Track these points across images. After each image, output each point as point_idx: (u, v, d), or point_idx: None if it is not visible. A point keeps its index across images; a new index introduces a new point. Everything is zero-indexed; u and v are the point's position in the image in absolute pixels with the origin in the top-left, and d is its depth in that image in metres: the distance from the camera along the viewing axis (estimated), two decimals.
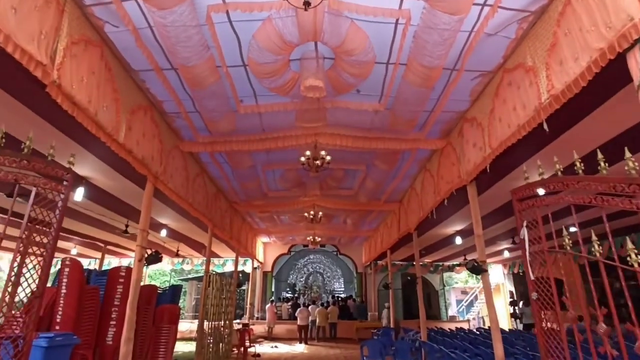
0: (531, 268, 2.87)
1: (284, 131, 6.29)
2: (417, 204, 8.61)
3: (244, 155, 7.24)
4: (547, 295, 2.91)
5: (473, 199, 5.80)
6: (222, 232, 9.69)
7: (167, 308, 6.82)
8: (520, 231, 2.93)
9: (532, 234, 2.94)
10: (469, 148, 5.74)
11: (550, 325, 2.87)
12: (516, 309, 13.97)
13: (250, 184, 8.67)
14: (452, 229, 10.13)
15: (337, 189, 9.43)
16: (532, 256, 2.89)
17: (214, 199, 8.93)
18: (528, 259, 2.86)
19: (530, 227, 2.92)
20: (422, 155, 7.45)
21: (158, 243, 12.09)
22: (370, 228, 14.02)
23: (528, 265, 2.85)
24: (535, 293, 2.89)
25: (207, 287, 8.27)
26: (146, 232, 5.38)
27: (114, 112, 4.42)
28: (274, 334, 14.48)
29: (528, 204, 2.99)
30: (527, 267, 2.85)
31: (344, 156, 7.28)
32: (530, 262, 2.86)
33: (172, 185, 6.25)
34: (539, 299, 2.91)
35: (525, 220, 2.96)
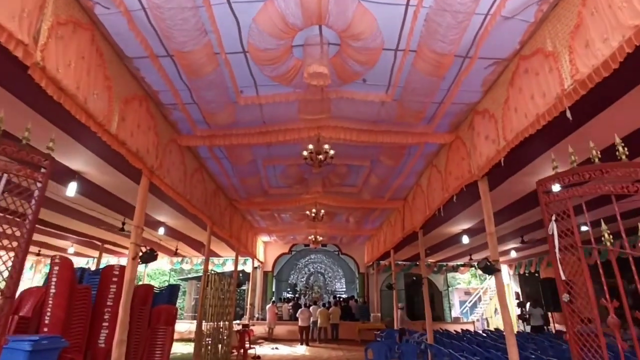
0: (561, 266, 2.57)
1: (285, 124, 6.01)
2: (423, 202, 8.34)
3: (244, 150, 6.97)
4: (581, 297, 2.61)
5: (485, 194, 5.52)
6: (221, 230, 9.42)
7: (164, 309, 6.55)
8: (548, 225, 2.65)
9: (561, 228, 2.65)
10: (480, 141, 5.46)
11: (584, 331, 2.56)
12: (524, 311, 13.66)
13: (251, 180, 8.39)
14: (458, 227, 9.85)
15: (340, 185, 9.15)
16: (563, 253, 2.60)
17: (213, 196, 8.66)
18: (558, 257, 2.57)
19: (559, 221, 2.64)
20: (429, 150, 7.17)
21: (156, 241, 11.83)
22: (374, 227, 13.73)
23: (558, 264, 2.56)
24: (567, 295, 2.60)
25: (205, 287, 8.00)
26: (141, 229, 5.11)
27: (106, 100, 4.16)
28: (274, 335, 14.20)
29: (557, 196, 2.70)
30: (557, 266, 2.57)
31: (348, 151, 7.01)
32: (560, 260, 2.57)
33: (169, 180, 5.98)
34: (572, 301, 2.62)
35: (554, 214, 2.67)
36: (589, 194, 2.59)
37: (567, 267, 2.59)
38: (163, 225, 9.49)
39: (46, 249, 12.34)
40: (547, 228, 2.66)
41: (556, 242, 2.58)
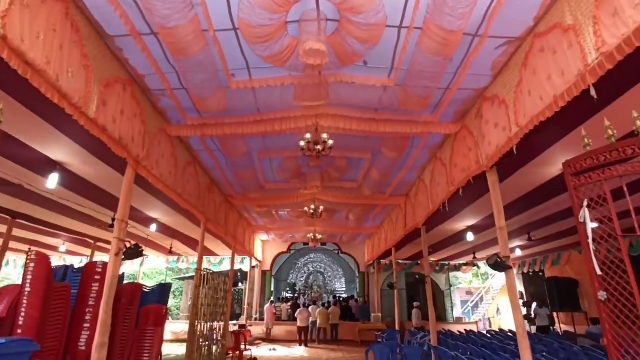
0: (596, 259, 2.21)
1: (281, 112, 5.65)
2: (426, 197, 7.98)
3: (238, 141, 6.61)
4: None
5: (494, 186, 5.16)
6: (216, 227, 9.06)
7: (153, 309, 6.18)
8: (580, 212, 2.28)
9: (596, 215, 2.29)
10: (489, 130, 5.10)
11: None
12: (529, 311, 13.28)
13: (246, 175, 8.03)
14: (462, 224, 9.48)
15: (339, 180, 8.79)
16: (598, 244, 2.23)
17: (207, 191, 8.30)
18: (592, 248, 2.21)
19: (592, 207, 2.28)
20: (434, 142, 6.81)
21: (149, 239, 11.47)
22: (374, 225, 13.37)
23: (592, 256, 2.20)
24: (604, 292, 2.23)
25: (198, 286, 7.64)
26: (125, 223, 4.74)
27: (83, 81, 3.80)
28: (272, 336, 13.84)
29: (590, 178, 2.34)
30: (592, 259, 2.20)
31: (348, 142, 6.65)
32: (595, 252, 2.21)
33: (158, 172, 5.62)
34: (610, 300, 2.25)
35: (586, 199, 2.31)
36: (632, 173, 2.22)
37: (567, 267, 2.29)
38: (155, 222, 9.13)
39: (37, 247, 11.97)
40: (578, 216, 2.30)
41: (589, 231, 2.22)
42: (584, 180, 2.35)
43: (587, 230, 2.22)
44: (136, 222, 9.02)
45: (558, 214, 8.50)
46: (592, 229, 2.22)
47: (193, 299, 7.62)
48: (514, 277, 4.91)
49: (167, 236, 10.97)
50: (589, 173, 2.32)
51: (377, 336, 11.75)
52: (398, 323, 11.22)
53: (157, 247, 12.60)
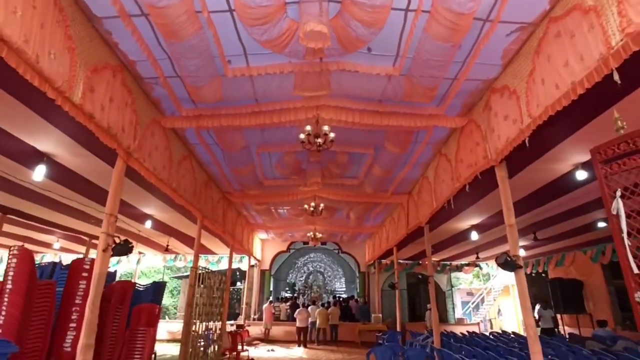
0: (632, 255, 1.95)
1: (280, 103, 5.40)
2: (430, 195, 7.73)
3: (235, 134, 6.36)
4: None
5: (503, 181, 4.91)
6: (213, 224, 8.81)
7: (145, 308, 5.93)
8: (612, 203, 2.03)
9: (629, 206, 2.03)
10: (498, 122, 4.85)
11: None
12: (534, 312, 13.06)
13: (244, 170, 7.78)
14: (466, 223, 9.23)
15: (340, 177, 8.53)
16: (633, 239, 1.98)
17: (204, 187, 8.06)
18: (627, 244, 1.95)
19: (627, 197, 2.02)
20: (439, 137, 6.56)
21: (146, 237, 11.23)
22: (375, 224, 13.12)
23: (628, 253, 1.94)
24: None
25: (194, 285, 7.39)
26: (114, 217, 4.50)
27: (67, 64, 3.55)
28: (271, 336, 13.59)
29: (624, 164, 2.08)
30: (627, 255, 1.95)
31: (350, 136, 6.40)
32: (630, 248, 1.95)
33: (150, 165, 5.36)
34: None
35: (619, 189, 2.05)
36: None
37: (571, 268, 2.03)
38: (150, 218, 8.88)
39: (30, 243, 11.74)
40: (609, 208, 2.05)
41: (623, 224, 1.96)
42: (616, 168, 2.10)
43: (621, 223, 1.96)
44: (130, 218, 8.78)
45: (564, 213, 8.26)
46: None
47: (188, 298, 7.37)
48: (524, 277, 4.66)
49: (163, 233, 10.72)
50: (623, 159, 2.06)
51: (378, 337, 11.50)
52: (399, 324, 10.97)
53: (154, 244, 12.35)
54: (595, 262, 11.29)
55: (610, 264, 10.94)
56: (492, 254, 13.36)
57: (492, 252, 13.25)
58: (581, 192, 6.61)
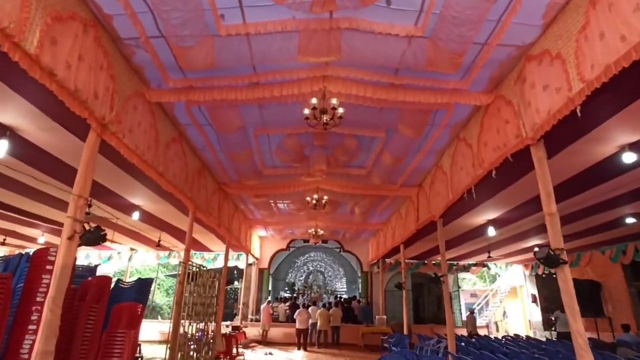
0: None
1: (282, 72, 4.69)
2: (445, 185, 7.03)
3: (231, 112, 5.65)
4: None
5: (541, 163, 4.21)
6: (207, 217, 8.10)
7: (126, 307, 5.24)
8: None
9: None
10: (536, 94, 4.15)
11: None
12: (550, 316, 12.34)
13: (241, 156, 7.07)
14: (482, 217, 8.49)
15: (346, 166, 7.83)
16: None
17: (197, 176, 7.34)
18: None
19: None
20: (458, 118, 5.86)
21: (136, 231, 10.51)
22: (381, 220, 12.41)
23: None
24: None
25: (183, 282, 6.68)
26: (84, 200, 3.79)
27: (16, 2, 2.84)
28: (269, 338, 12.86)
29: None
30: None
31: (360, 116, 5.69)
32: None
33: (132, 142, 4.65)
34: None
35: None
36: None
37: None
38: (138, 209, 8.15)
39: (13, 237, 11.03)
40: None
41: None
42: None
43: None
44: (116, 209, 8.05)
45: (590, 208, 7.56)
46: None
47: (176, 296, 6.65)
48: (569, 275, 3.97)
49: (153, 227, 9.99)
50: None
51: (383, 341, 10.81)
52: (407, 327, 10.25)
53: (144, 239, 11.62)
54: (616, 262, 10.60)
55: (632, 264, 10.25)
56: (505, 252, 12.66)
57: (504, 251, 12.53)
58: (621, 181, 5.90)
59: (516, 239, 10.61)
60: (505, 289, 19.95)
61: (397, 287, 10.55)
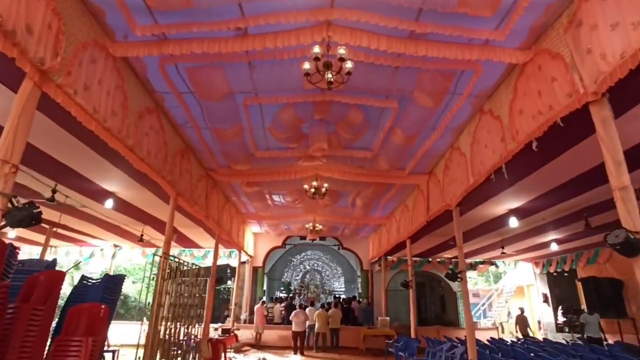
0: None
1: (276, 15, 3.74)
2: (463, 169, 6.14)
3: (215, 73, 4.70)
4: None
5: (605, 124, 3.32)
6: (192, 206, 7.14)
7: (86, 310, 4.29)
8: None
9: None
10: (600, 36, 3.27)
11: None
12: (571, 318, 11.41)
13: (229, 134, 6.12)
14: (503, 206, 7.57)
15: (349, 148, 6.90)
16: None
17: (179, 157, 6.40)
18: None
19: None
20: (485, 85, 4.97)
21: (116, 224, 9.52)
22: (384, 214, 11.50)
23: None
24: None
25: (162, 278, 5.73)
26: (10, 167, 2.84)
27: None
28: (263, 342, 11.89)
29: None
30: None
31: (369, 78, 4.77)
32: None
33: (87, 102, 3.71)
34: None
35: None
36: None
37: None
38: (112, 196, 7.15)
39: None
40: None
41: None
42: None
43: None
44: (87, 196, 7.05)
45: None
46: None
47: (155, 296, 5.70)
48: None
49: (134, 219, 9.00)
50: None
51: (388, 345, 9.89)
52: (414, 329, 9.32)
53: (127, 234, 10.62)
54: None
55: None
56: (519, 248, 11.76)
57: (518, 247, 11.64)
58: None
59: (533, 233, 9.73)
60: (511, 289, 19.12)
61: (403, 285, 9.66)
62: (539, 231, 9.40)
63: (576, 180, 6.07)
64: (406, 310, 15.83)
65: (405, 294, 15.97)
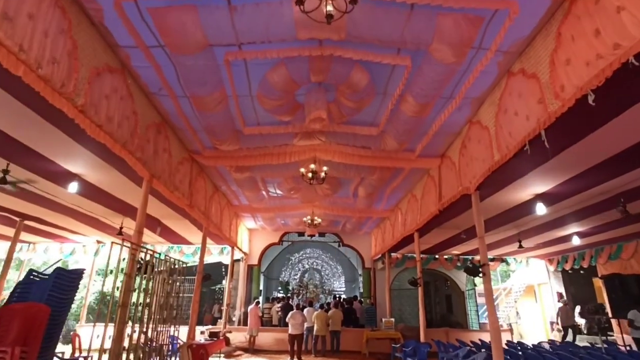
0: None
1: None
2: (486, 145, 5.26)
3: (186, 16, 3.77)
4: None
5: None
6: (171, 192, 6.23)
7: (19, 310, 3.38)
8: None
9: None
10: None
11: None
12: (599, 319, 10.45)
13: (211, 103, 5.19)
14: (527, 192, 6.63)
15: (352, 124, 5.99)
16: None
17: (154, 132, 5.49)
18: None
19: None
20: (517, 37, 4.06)
21: (92, 215, 8.59)
22: (388, 207, 10.60)
23: None
24: None
25: (129, 275, 4.82)
26: None
27: None
28: (257, 345, 10.95)
29: None
30: None
31: (379, 23, 3.85)
32: None
33: (5, 32, 2.80)
34: None
35: None
36: None
37: None
38: (77, 179, 6.18)
39: None
40: None
41: None
42: None
43: None
44: (47, 178, 6.09)
45: None
46: None
47: (122, 295, 4.77)
48: None
49: (109, 209, 8.03)
50: None
51: (395, 349, 8.98)
52: (423, 332, 8.39)
53: (106, 227, 9.68)
54: None
55: None
56: (535, 243, 10.83)
57: (535, 241, 10.70)
58: None
59: (553, 225, 8.82)
60: (520, 288, 18.17)
61: (411, 283, 8.75)
62: (561, 223, 8.48)
63: (617, 157, 5.16)
64: (411, 311, 14.92)
65: (409, 293, 15.07)
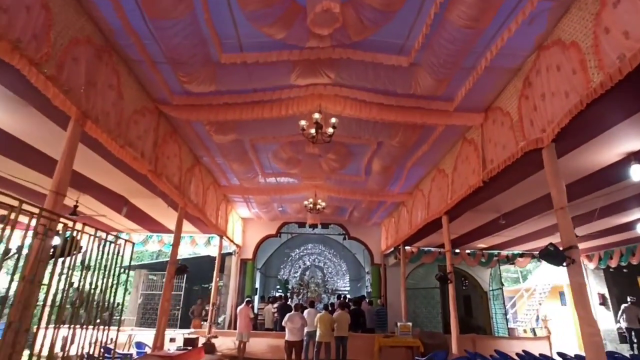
0: None
1: None
2: (569, 72, 3.53)
3: None
4: None
5: None
6: (121, 146, 4.50)
7: None
8: None
9: None
10: None
11: None
12: None
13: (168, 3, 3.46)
14: (619, 149, 4.79)
15: (373, 49, 4.24)
16: None
17: (83, 51, 3.76)
18: None
19: None
20: None
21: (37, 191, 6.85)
22: (406, 189, 8.85)
23: None
24: None
25: (38, 259, 3.11)
26: None
27: None
28: (248, 353, 9.18)
29: None
30: None
31: None
32: None
33: None
34: None
35: None
36: None
37: None
38: None
39: None
40: None
41: None
42: None
43: None
44: None
45: None
46: None
47: (22, 286, 3.04)
48: None
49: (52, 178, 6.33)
50: None
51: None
52: (455, 341, 6.56)
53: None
54: None
55: None
56: (583, 233, 8.96)
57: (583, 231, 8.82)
58: None
59: (610, 211, 7.01)
60: (545, 289, 16.32)
61: (440, 279, 6.98)
62: (619, 208, 6.76)
63: None
64: (427, 314, 13.10)
65: (425, 293, 13.23)
